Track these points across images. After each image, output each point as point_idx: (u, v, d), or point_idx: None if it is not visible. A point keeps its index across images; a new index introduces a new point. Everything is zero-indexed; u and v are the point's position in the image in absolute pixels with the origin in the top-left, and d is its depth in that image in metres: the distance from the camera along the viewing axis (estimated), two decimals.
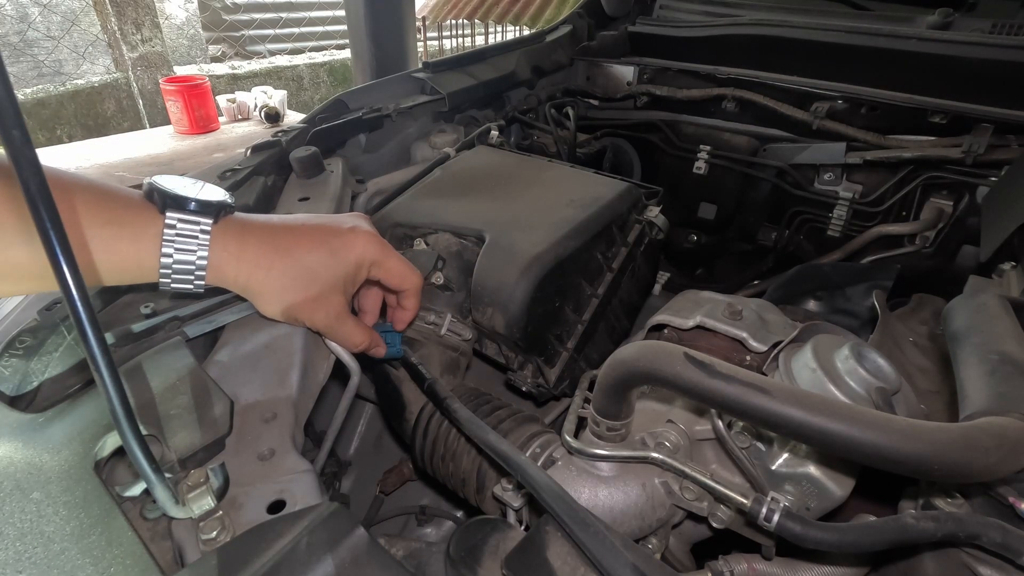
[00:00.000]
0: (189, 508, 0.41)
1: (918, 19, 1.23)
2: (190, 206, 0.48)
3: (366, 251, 0.56)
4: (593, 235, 0.77)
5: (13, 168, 0.26)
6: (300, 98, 4.37)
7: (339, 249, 0.55)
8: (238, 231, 0.51)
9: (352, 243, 0.55)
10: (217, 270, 0.50)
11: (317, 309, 0.55)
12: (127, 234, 0.47)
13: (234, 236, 0.51)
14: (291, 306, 0.54)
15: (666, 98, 1.38)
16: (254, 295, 0.54)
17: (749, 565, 0.50)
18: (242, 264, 0.51)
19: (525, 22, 4.16)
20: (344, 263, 0.55)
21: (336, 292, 0.55)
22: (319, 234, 0.55)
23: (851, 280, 0.95)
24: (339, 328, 0.57)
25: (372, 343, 0.60)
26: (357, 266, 0.56)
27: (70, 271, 0.29)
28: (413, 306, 0.63)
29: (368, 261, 0.56)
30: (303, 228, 0.55)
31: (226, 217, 0.51)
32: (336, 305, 0.55)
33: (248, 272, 0.52)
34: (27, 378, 0.52)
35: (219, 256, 0.50)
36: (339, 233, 0.55)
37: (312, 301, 0.54)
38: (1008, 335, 0.45)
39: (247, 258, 0.51)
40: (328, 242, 0.55)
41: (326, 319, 0.55)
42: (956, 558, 0.41)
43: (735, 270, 1.45)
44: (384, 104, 1.08)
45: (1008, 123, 1.00)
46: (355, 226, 0.57)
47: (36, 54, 3.38)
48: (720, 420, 0.48)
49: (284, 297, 0.53)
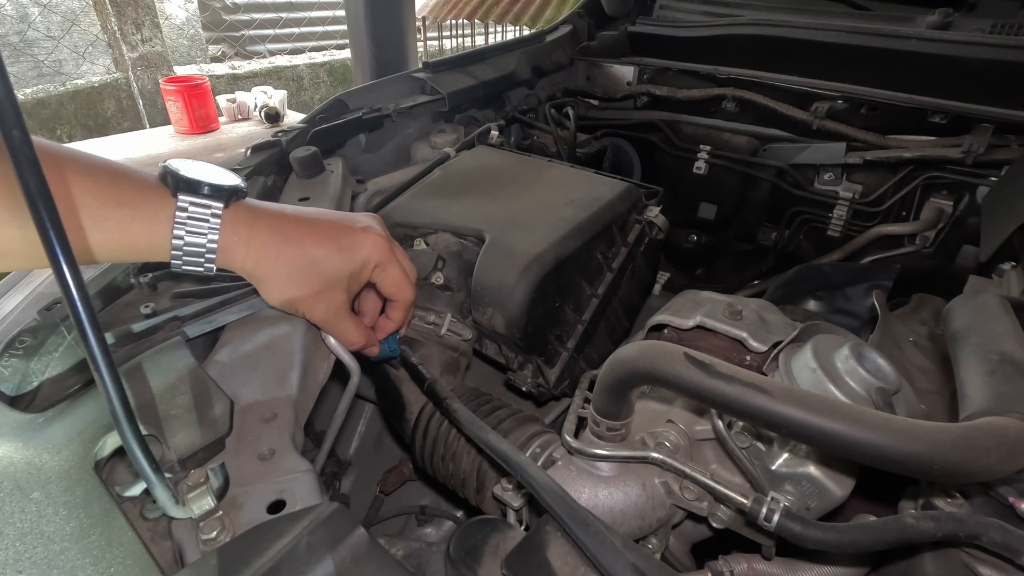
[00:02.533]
0: (189, 508, 0.41)
1: (918, 19, 1.23)
2: (203, 190, 0.49)
3: (373, 253, 0.56)
4: (593, 235, 0.77)
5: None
6: (300, 98, 4.37)
7: (348, 247, 0.55)
8: (249, 217, 0.52)
9: (362, 243, 0.56)
10: (227, 253, 0.51)
11: (318, 302, 0.55)
12: (140, 215, 0.48)
13: (245, 222, 0.52)
14: (293, 297, 0.54)
15: (666, 98, 1.37)
16: (259, 281, 0.54)
17: (749, 565, 0.50)
18: (251, 250, 0.52)
19: (525, 22, 4.16)
20: (351, 262, 0.55)
21: (339, 289, 0.56)
22: (330, 230, 0.55)
23: (851, 280, 0.95)
24: (337, 324, 0.57)
25: (368, 342, 0.61)
26: (362, 266, 0.56)
27: (70, 271, 0.29)
28: (398, 319, 0.63)
29: (372, 263, 0.57)
30: (315, 221, 0.56)
31: (238, 202, 0.52)
32: (337, 301, 0.56)
33: (256, 259, 0.52)
34: (27, 378, 0.51)
35: (229, 240, 0.51)
36: (351, 232, 0.56)
37: (315, 294, 0.55)
38: (1008, 335, 0.45)
39: (256, 245, 0.52)
40: (338, 239, 0.55)
41: (325, 314, 0.56)
42: (956, 558, 0.41)
43: (735, 270, 1.45)
44: (384, 104, 1.08)
45: (1008, 123, 1.00)
46: (368, 227, 0.57)
47: (36, 54, 3.38)
48: (720, 420, 0.48)
49: (287, 286, 0.54)
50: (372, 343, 0.62)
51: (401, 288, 0.60)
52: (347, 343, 0.59)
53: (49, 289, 0.72)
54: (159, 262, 0.50)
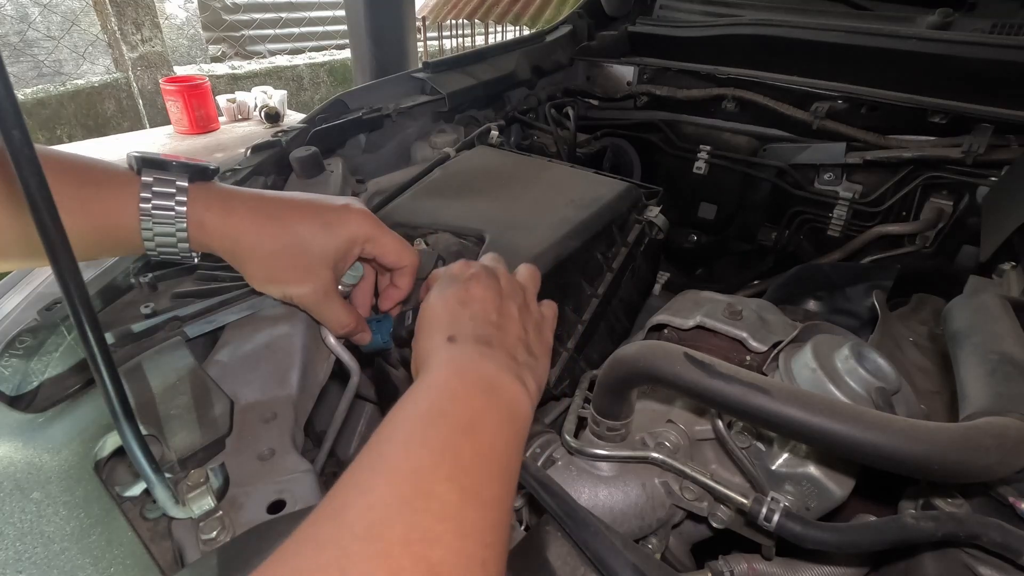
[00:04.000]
0: (189, 508, 0.41)
1: (918, 19, 1.23)
2: (167, 166, 0.48)
3: (360, 228, 0.55)
4: (593, 235, 0.77)
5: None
6: (300, 98, 4.37)
7: (333, 223, 0.54)
8: (223, 196, 0.51)
9: (346, 219, 0.54)
10: (201, 229, 0.49)
11: (305, 282, 0.53)
12: (105, 194, 0.47)
13: (219, 199, 0.50)
14: (279, 276, 0.53)
15: (666, 98, 1.37)
16: (241, 261, 0.53)
17: (749, 565, 0.50)
18: (229, 226, 0.50)
19: (525, 22, 4.16)
20: (336, 238, 0.54)
21: (326, 267, 0.54)
22: (311, 207, 0.54)
23: (851, 280, 0.95)
24: (326, 305, 0.55)
25: (358, 327, 0.59)
26: (350, 242, 0.54)
27: (70, 272, 0.29)
28: (407, 285, 0.61)
29: (362, 238, 0.55)
30: (294, 200, 0.54)
31: (209, 183, 0.51)
32: (325, 280, 0.54)
33: (235, 236, 0.51)
34: (27, 378, 0.51)
35: (202, 215, 0.49)
36: (332, 208, 0.55)
37: (302, 272, 0.53)
38: (1008, 335, 0.45)
39: (234, 221, 0.50)
40: (321, 215, 0.53)
41: (313, 294, 0.54)
42: (956, 558, 0.41)
43: (735, 270, 1.45)
44: (384, 104, 1.08)
45: (1008, 123, 1.00)
46: (348, 203, 0.56)
47: (36, 54, 3.38)
48: (720, 420, 0.48)
49: (273, 264, 0.52)
50: (363, 328, 0.60)
51: (403, 253, 0.58)
52: (337, 326, 0.57)
53: (49, 289, 0.72)
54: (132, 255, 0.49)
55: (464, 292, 0.46)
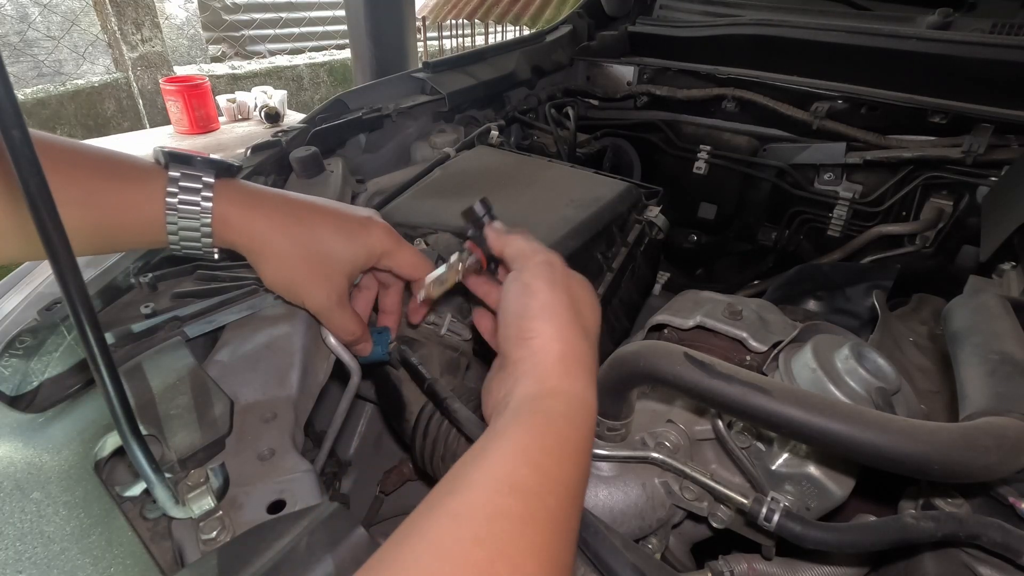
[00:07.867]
0: (189, 508, 0.41)
1: (918, 19, 1.23)
2: (194, 162, 0.49)
3: (381, 242, 0.56)
4: (593, 235, 0.77)
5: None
6: (300, 98, 4.37)
7: (357, 234, 0.55)
8: (249, 193, 0.52)
9: (369, 231, 0.55)
10: (224, 225, 0.50)
11: (320, 287, 0.53)
12: (132, 188, 0.47)
13: (244, 195, 0.51)
14: (294, 277, 0.53)
15: (666, 98, 1.38)
16: (259, 257, 0.53)
17: (749, 565, 0.50)
18: (254, 222, 0.51)
19: (525, 22, 4.16)
20: (359, 248, 0.55)
21: (343, 275, 0.54)
22: (337, 215, 0.55)
23: (851, 280, 0.95)
24: (337, 312, 0.55)
25: (363, 337, 0.60)
26: (369, 254, 0.55)
27: (70, 272, 0.29)
28: None
29: (380, 251, 0.56)
30: (318, 206, 0.55)
31: (235, 180, 0.52)
32: (340, 288, 0.55)
33: (261, 232, 0.51)
34: (27, 378, 0.51)
35: (226, 210, 0.50)
36: (357, 219, 0.56)
37: (322, 278, 0.53)
38: (1008, 335, 0.45)
39: (259, 217, 0.51)
40: (346, 225, 0.54)
41: (327, 301, 0.54)
42: (956, 558, 0.41)
43: (735, 270, 1.45)
44: (384, 104, 1.08)
45: (1008, 123, 1.00)
46: (371, 215, 0.57)
47: (36, 54, 3.38)
48: (720, 420, 0.48)
49: (293, 266, 0.52)
50: (367, 339, 0.61)
51: (419, 265, 0.58)
52: (345, 333, 0.57)
53: (49, 289, 0.72)
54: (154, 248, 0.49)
55: (567, 286, 0.44)
